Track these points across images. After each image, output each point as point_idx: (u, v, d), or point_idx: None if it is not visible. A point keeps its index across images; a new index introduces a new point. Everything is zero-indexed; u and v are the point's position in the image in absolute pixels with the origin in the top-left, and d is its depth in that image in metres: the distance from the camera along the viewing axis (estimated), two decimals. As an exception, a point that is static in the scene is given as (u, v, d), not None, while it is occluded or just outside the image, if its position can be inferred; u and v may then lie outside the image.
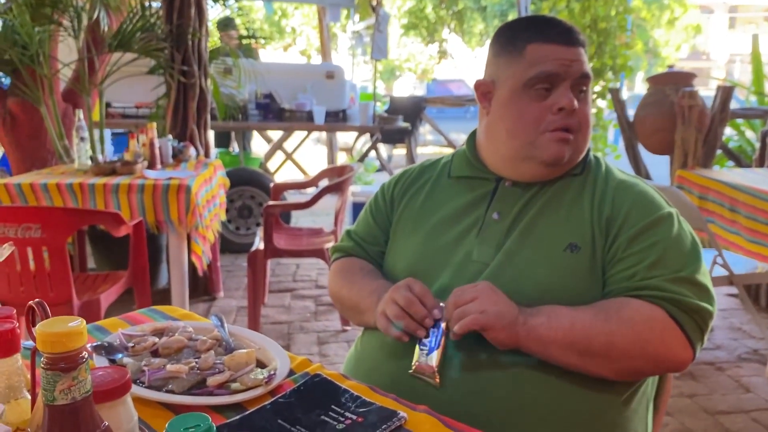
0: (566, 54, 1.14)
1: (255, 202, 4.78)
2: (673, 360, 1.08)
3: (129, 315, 1.24)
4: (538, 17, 1.22)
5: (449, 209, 1.25)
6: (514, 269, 1.13)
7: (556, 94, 1.14)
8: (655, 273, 1.08)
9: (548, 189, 1.19)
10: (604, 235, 1.13)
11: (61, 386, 0.58)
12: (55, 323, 0.59)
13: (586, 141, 1.20)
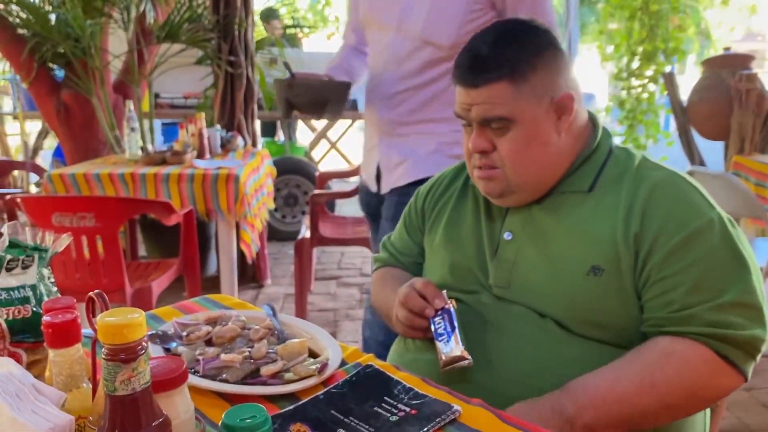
0: (468, 97, 1.09)
1: (300, 191, 4.82)
2: (724, 393, 1.04)
3: (183, 304, 1.26)
4: (465, 48, 1.12)
5: (472, 224, 1.21)
6: (533, 297, 1.09)
7: (473, 134, 1.12)
8: (695, 300, 0.99)
9: (558, 206, 1.11)
10: (633, 253, 1.03)
11: (122, 377, 0.58)
12: (116, 314, 0.60)
13: (522, 173, 1.10)
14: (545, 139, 1.09)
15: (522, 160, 1.09)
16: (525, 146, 1.09)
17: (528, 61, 1.06)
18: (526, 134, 1.08)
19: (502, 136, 1.08)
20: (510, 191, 1.12)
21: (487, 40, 1.09)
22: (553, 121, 1.09)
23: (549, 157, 1.11)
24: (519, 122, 1.07)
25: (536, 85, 1.07)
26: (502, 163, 1.10)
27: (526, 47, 1.08)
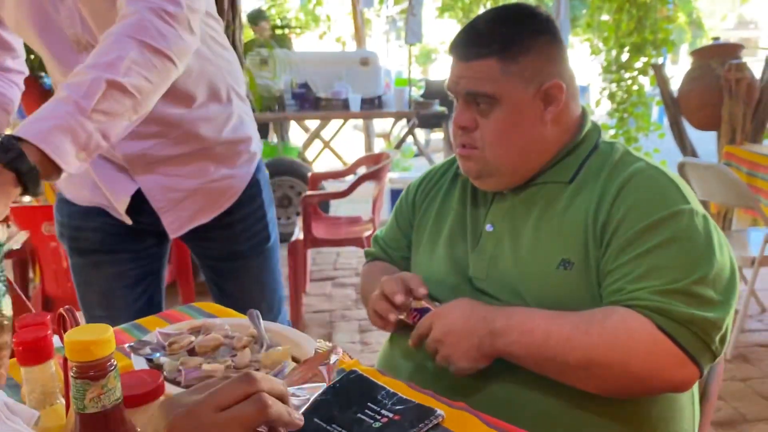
0: (458, 70, 1.10)
1: (294, 192, 4.80)
2: (666, 379, 0.96)
3: (167, 313, 1.25)
4: (469, 22, 1.14)
5: (457, 217, 1.21)
6: (508, 290, 1.08)
7: (457, 108, 1.12)
8: (642, 285, 0.96)
9: (539, 198, 1.10)
10: (599, 243, 1.02)
11: (91, 394, 0.57)
12: (84, 331, 0.59)
13: (501, 156, 1.09)
14: (528, 125, 1.09)
15: (501, 142, 1.09)
16: (506, 129, 1.08)
17: (521, 42, 1.06)
18: (509, 117, 1.07)
19: (486, 116, 1.08)
20: (488, 173, 1.12)
21: (486, 17, 1.11)
22: (539, 109, 1.08)
23: (530, 144, 1.10)
24: (504, 103, 1.07)
25: (526, 68, 1.06)
26: (482, 143, 1.09)
27: (522, 29, 1.08)
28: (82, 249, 1.45)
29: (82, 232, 1.44)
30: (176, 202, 1.43)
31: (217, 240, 1.53)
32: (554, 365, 0.98)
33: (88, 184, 1.38)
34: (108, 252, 1.44)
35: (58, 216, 1.48)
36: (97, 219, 1.42)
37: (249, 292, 1.60)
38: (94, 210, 1.41)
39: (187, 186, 1.42)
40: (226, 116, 1.44)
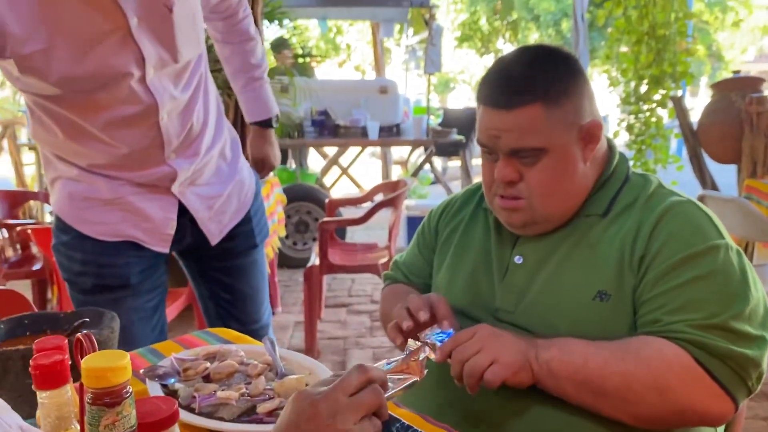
0: (497, 122, 1.04)
1: (311, 218, 4.82)
2: (702, 412, 0.95)
3: (183, 338, 1.25)
4: (493, 69, 1.09)
5: (481, 247, 1.19)
6: (539, 321, 1.06)
7: (498, 163, 1.07)
8: (680, 318, 0.96)
9: (571, 231, 1.09)
10: (635, 275, 1.01)
11: (106, 421, 0.58)
12: (101, 358, 0.59)
13: (549, 204, 1.07)
14: (574, 169, 1.07)
15: (551, 191, 1.06)
16: (555, 177, 1.05)
17: (561, 85, 1.04)
18: (557, 164, 1.05)
19: (532, 165, 1.05)
20: (533, 222, 1.09)
21: (519, 62, 1.07)
22: (580, 149, 1.07)
23: (576, 187, 1.08)
24: (551, 152, 1.04)
25: (568, 111, 1.04)
26: (528, 193, 1.06)
27: (559, 71, 1.06)
28: (107, 285, 1.44)
29: (111, 268, 1.43)
30: (216, 210, 1.49)
31: (239, 237, 1.58)
32: (591, 390, 0.96)
33: (119, 219, 1.40)
34: (132, 286, 1.45)
35: (78, 255, 1.44)
36: (129, 253, 1.43)
37: (257, 286, 1.67)
38: (123, 244, 1.42)
39: (219, 191, 1.49)
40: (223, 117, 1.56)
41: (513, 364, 0.96)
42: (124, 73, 1.24)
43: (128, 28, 1.21)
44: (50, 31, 1.15)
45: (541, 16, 15.94)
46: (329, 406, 0.67)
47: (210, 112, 1.48)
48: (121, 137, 1.31)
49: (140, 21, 1.22)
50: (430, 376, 1.12)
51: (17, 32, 1.13)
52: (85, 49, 1.19)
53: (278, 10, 4.24)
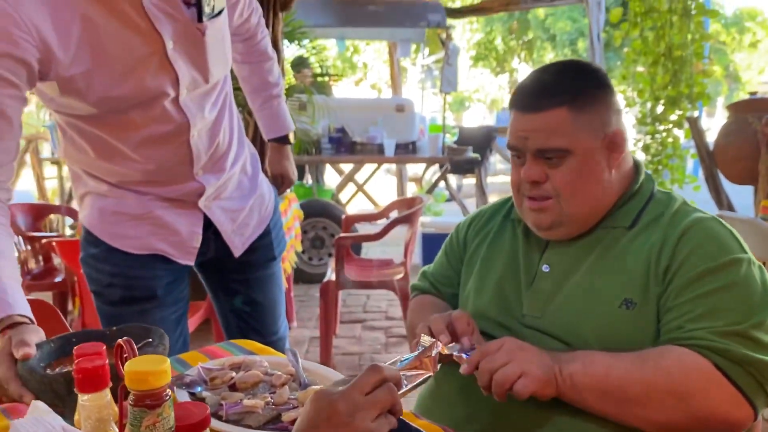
0: (526, 124, 1.11)
1: (327, 233, 4.86)
2: (722, 419, 0.98)
3: (208, 348, 1.29)
4: (527, 78, 1.16)
5: (509, 256, 1.24)
6: (565, 327, 1.11)
7: (525, 164, 1.13)
8: (703, 324, 1.00)
9: (597, 241, 1.14)
10: (659, 284, 1.06)
11: (147, 422, 0.61)
12: (143, 362, 0.63)
13: (576, 204, 1.12)
14: (598, 173, 1.12)
15: (576, 190, 1.11)
16: (580, 178, 1.11)
17: (589, 92, 1.11)
18: (582, 166, 1.10)
19: (557, 166, 1.10)
20: (560, 223, 1.14)
21: (550, 70, 1.15)
22: (605, 156, 1.12)
23: (600, 191, 1.13)
24: (575, 153, 1.10)
25: (594, 118, 1.10)
26: (555, 192, 1.12)
27: (588, 80, 1.13)
28: (135, 297, 1.48)
29: (140, 280, 1.47)
30: (239, 223, 1.54)
31: (259, 249, 1.63)
32: (613, 400, 1.00)
33: (147, 232, 1.44)
34: (159, 297, 1.49)
35: (107, 267, 1.47)
36: (156, 266, 1.47)
37: (275, 299, 1.71)
38: (150, 257, 1.46)
39: (241, 205, 1.54)
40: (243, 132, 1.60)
41: (541, 377, 0.99)
42: (160, 94, 1.29)
43: (165, 51, 1.26)
44: (92, 55, 1.20)
45: (557, 36, 16.01)
46: (347, 405, 0.71)
47: (234, 129, 1.53)
48: (153, 155, 1.36)
49: (175, 44, 1.27)
50: (452, 388, 1.15)
51: (62, 56, 1.18)
52: (124, 71, 1.24)
53: (298, 30, 4.32)
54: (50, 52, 1.17)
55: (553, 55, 16.83)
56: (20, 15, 1.12)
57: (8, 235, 1.19)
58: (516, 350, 1.01)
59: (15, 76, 1.14)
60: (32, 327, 1.07)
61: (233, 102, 1.53)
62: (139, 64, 1.25)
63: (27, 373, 0.98)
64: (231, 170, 1.51)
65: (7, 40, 1.12)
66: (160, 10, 1.23)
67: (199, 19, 1.27)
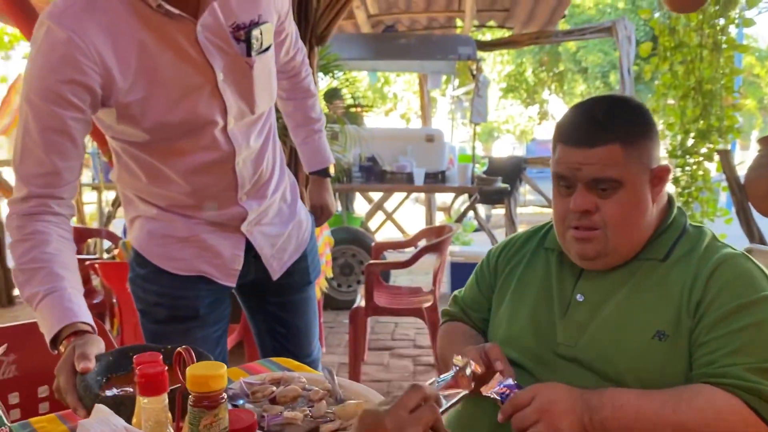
0: (578, 157, 1.14)
1: (356, 261, 4.93)
2: None
3: (248, 365, 1.36)
4: (574, 113, 1.20)
5: (542, 285, 1.27)
6: (598, 357, 1.13)
7: (574, 194, 1.16)
8: (736, 360, 1.02)
9: (631, 273, 1.17)
10: (692, 318, 1.09)
11: (205, 422, 0.67)
12: (202, 367, 0.70)
13: (622, 236, 1.16)
14: (645, 207, 1.16)
15: (625, 224, 1.15)
16: (629, 210, 1.15)
17: (638, 128, 1.16)
18: (631, 199, 1.14)
19: (608, 197, 1.14)
20: (605, 254, 1.17)
21: (602, 107, 1.18)
22: (650, 190, 1.16)
23: (644, 224, 1.17)
24: (627, 185, 1.13)
25: (642, 153, 1.15)
26: (603, 224, 1.15)
27: (638, 117, 1.17)
28: (179, 316, 1.55)
29: (184, 300, 1.54)
30: (278, 248, 1.61)
31: (296, 273, 1.69)
32: None
33: (192, 254, 1.52)
34: (201, 317, 1.56)
35: (154, 287, 1.54)
36: (200, 287, 1.54)
37: (309, 321, 1.77)
38: (195, 278, 1.54)
39: (281, 231, 1.61)
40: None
41: (564, 418, 1.02)
42: (210, 122, 1.37)
43: (215, 82, 1.35)
44: (148, 83, 1.29)
45: (589, 69, 16.05)
46: (394, 421, 0.77)
47: (276, 159, 1.61)
48: (200, 181, 1.44)
49: (225, 76, 1.36)
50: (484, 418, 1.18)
51: (122, 83, 1.27)
52: (177, 99, 1.32)
53: (333, 63, 4.45)
54: (111, 79, 1.26)
55: (584, 87, 16.86)
56: (86, 43, 1.21)
57: (71, 249, 1.28)
58: (546, 406, 1.03)
59: (80, 101, 1.23)
60: (94, 338, 1.16)
61: (276, 133, 1.62)
62: (191, 92, 1.33)
63: (82, 390, 1.05)
64: (272, 197, 1.59)
65: (74, 67, 1.21)
66: (212, 43, 1.32)
67: (247, 54, 1.36)
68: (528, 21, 7.02)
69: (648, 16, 4.70)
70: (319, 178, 1.94)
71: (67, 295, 1.18)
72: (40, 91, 1.22)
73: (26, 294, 1.21)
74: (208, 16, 1.30)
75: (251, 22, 1.35)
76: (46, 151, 1.23)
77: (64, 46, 1.20)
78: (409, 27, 7.54)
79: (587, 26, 7.23)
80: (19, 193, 1.25)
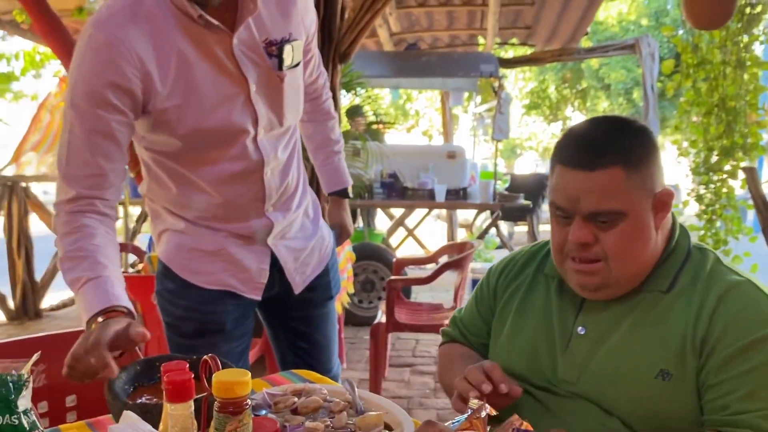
0: (577, 183, 1.06)
1: (377, 277, 4.95)
2: None
3: (270, 377, 1.38)
4: (574, 133, 1.12)
5: (542, 314, 1.22)
6: (600, 395, 1.10)
7: (572, 225, 1.09)
8: (749, 407, 0.98)
9: (634, 305, 1.12)
10: (697, 356, 1.04)
11: (230, 427, 0.70)
12: (227, 374, 0.72)
13: (625, 267, 1.09)
14: (648, 235, 1.09)
15: (628, 255, 1.08)
16: (632, 241, 1.07)
17: (641, 152, 1.07)
18: (633, 229, 1.07)
19: (609, 229, 1.07)
20: (607, 285, 1.10)
21: (600, 128, 1.11)
22: (653, 216, 1.09)
23: (649, 253, 1.10)
24: (629, 216, 1.06)
25: (646, 178, 1.07)
26: (604, 255, 1.08)
27: (640, 139, 1.09)
28: (206, 330, 1.58)
29: (211, 315, 1.58)
30: (301, 261, 1.65)
31: (318, 288, 1.72)
32: None
33: (219, 268, 1.56)
34: (227, 331, 1.59)
35: (182, 301, 1.57)
36: (225, 301, 1.58)
37: (330, 337, 1.80)
38: (221, 293, 1.57)
39: (304, 245, 1.65)
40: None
41: None
42: (242, 130, 1.43)
43: (248, 93, 1.41)
44: (186, 90, 1.35)
45: (612, 86, 15.99)
46: None
47: (300, 174, 1.65)
48: (229, 191, 1.49)
49: (258, 88, 1.42)
50: None
51: (161, 89, 1.33)
52: (212, 107, 1.38)
53: (355, 80, 4.51)
54: (151, 85, 1.32)
55: (607, 104, 16.78)
56: (128, 49, 1.28)
57: (115, 246, 1.34)
58: None
59: (123, 105, 1.30)
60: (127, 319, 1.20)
61: (300, 150, 1.66)
62: (226, 101, 1.39)
63: (111, 398, 1.08)
64: (296, 211, 1.62)
65: (116, 71, 1.27)
66: (246, 56, 1.38)
67: (279, 68, 1.42)
68: (550, 38, 7.05)
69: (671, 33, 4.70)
70: (338, 198, 1.99)
71: (109, 282, 1.24)
72: (85, 95, 1.28)
73: (69, 278, 1.27)
74: (244, 31, 1.36)
75: (282, 39, 1.41)
76: (92, 153, 1.29)
77: (108, 52, 1.27)
78: (431, 45, 7.61)
79: (610, 43, 7.24)
80: (66, 195, 1.31)
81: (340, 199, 1.98)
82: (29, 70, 6.25)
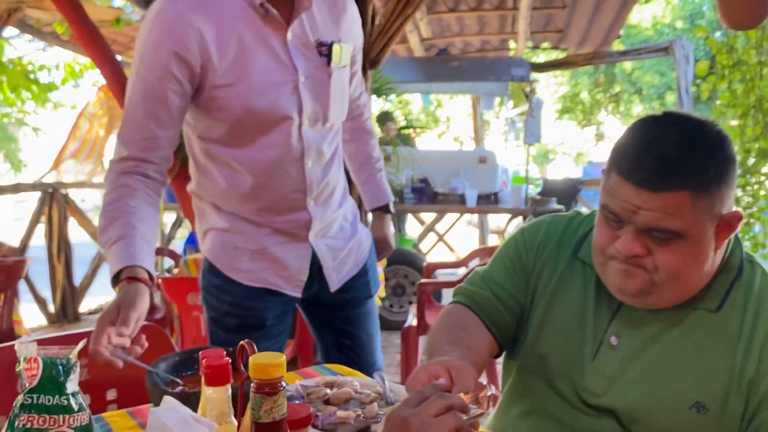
0: (637, 198, 0.96)
1: (408, 281, 4.97)
2: None
3: (303, 370, 1.42)
4: (639, 141, 0.99)
5: (576, 308, 1.13)
6: (626, 414, 1.04)
7: (622, 233, 1.00)
8: None
9: (676, 322, 1.04)
10: (744, 399, 0.97)
11: (266, 407, 0.73)
12: (263, 356, 0.75)
13: (673, 287, 1.00)
14: (705, 257, 1.00)
15: (680, 276, 0.99)
16: (687, 263, 0.99)
17: (714, 173, 0.96)
18: (691, 250, 0.98)
19: (664, 245, 0.98)
20: (648, 294, 1.02)
21: (674, 143, 0.97)
22: (714, 237, 1.00)
23: (703, 275, 1.02)
24: (688, 238, 0.97)
25: (715, 202, 0.97)
26: (654, 268, 0.99)
27: (716, 158, 0.97)
28: (247, 326, 1.63)
29: (253, 311, 1.63)
30: (338, 261, 1.69)
31: (357, 288, 1.77)
32: None
33: (261, 266, 1.61)
34: (267, 328, 1.64)
35: (226, 297, 1.62)
36: (268, 298, 1.63)
37: (372, 333, 1.86)
38: (263, 291, 1.62)
39: (342, 246, 1.70)
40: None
41: None
42: (287, 117, 1.49)
43: (297, 82, 1.49)
44: (240, 71, 1.43)
45: (644, 89, 15.79)
46: (418, 423, 0.81)
47: (341, 177, 1.72)
48: (273, 181, 1.54)
49: (306, 80, 1.49)
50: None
51: (217, 68, 1.41)
52: (261, 90, 1.45)
53: (386, 86, 4.55)
54: (209, 62, 1.40)
55: (641, 108, 16.56)
56: (192, 26, 1.36)
57: (154, 207, 1.42)
58: None
59: (181, 75, 1.38)
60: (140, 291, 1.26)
61: (342, 156, 1.72)
62: (275, 86, 1.47)
63: (150, 386, 1.13)
64: (336, 211, 1.68)
65: (179, 43, 1.36)
66: (298, 49, 1.47)
67: (327, 64, 1.51)
68: (582, 42, 7.00)
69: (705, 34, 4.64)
70: (381, 213, 2.03)
71: (133, 242, 1.31)
72: (149, 63, 1.38)
73: (102, 238, 1.35)
74: (298, 26, 1.46)
75: (332, 41, 1.51)
76: (145, 117, 1.39)
77: (174, 25, 1.36)
78: (462, 50, 7.62)
79: (643, 46, 7.17)
80: (119, 155, 1.41)
81: (382, 214, 2.03)
82: (69, 80, 6.45)
